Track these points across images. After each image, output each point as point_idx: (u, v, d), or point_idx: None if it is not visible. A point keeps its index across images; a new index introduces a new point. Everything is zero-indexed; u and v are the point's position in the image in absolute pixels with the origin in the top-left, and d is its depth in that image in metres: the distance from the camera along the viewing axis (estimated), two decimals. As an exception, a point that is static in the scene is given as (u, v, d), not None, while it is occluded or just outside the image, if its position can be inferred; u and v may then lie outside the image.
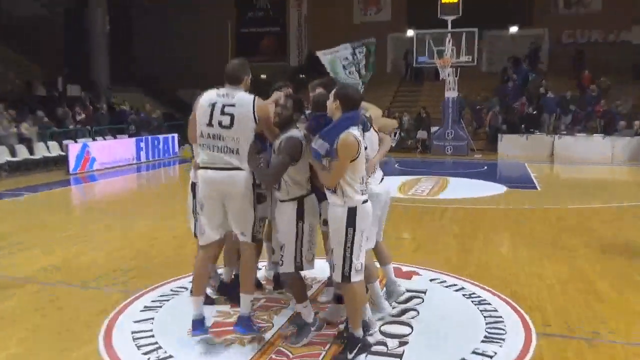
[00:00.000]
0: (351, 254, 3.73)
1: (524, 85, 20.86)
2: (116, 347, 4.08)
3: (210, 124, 3.92)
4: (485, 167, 15.65)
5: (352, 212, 3.69)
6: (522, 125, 18.61)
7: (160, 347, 4.05)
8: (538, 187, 11.99)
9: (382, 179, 4.54)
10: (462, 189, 11.89)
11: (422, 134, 19.68)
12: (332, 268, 4.08)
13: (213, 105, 3.92)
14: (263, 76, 26.06)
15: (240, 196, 3.94)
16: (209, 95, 4.00)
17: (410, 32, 19.75)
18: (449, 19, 17.81)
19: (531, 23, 24.29)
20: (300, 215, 3.91)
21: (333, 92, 3.82)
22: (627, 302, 5.02)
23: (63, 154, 15.06)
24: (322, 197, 4.00)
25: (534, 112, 19.08)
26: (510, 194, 11.04)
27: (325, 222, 4.09)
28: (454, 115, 18.56)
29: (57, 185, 12.78)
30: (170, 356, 3.93)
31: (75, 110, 18.05)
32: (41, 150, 15.37)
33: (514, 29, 23.29)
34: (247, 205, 3.98)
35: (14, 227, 8.24)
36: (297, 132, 3.92)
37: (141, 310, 4.77)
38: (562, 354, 3.98)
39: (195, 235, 4.39)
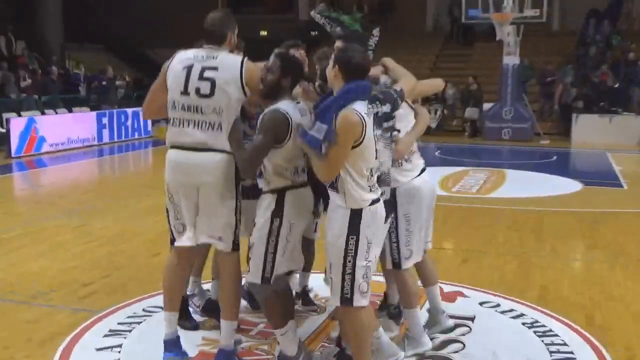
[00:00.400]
0: (353, 271, 3.64)
1: (607, 51, 20.67)
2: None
3: (185, 92, 3.94)
4: (555, 157, 15.64)
5: (355, 216, 3.62)
6: (603, 103, 18.46)
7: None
8: (624, 185, 11.94)
9: (424, 169, 4.53)
10: (523, 185, 11.86)
11: (471, 113, 19.61)
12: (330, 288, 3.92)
13: (189, 69, 3.94)
14: (264, 33, 26.17)
15: (218, 188, 3.94)
16: (184, 57, 4.03)
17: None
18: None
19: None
20: (277, 212, 3.86)
21: (332, 56, 3.79)
22: None
23: (3, 131, 15.23)
24: (324, 194, 4.00)
25: (618, 86, 18.90)
26: (586, 193, 11.01)
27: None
28: (515, 88, 18.44)
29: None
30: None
31: (20, 74, 18.23)
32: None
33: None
34: (227, 201, 3.98)
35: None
36: (285, 104, 3.89)
37: (105, 335, 4.82)
38: (652, 404, 4.01)
39: (172, 242, 4.37)
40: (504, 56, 18.40)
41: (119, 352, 4.57)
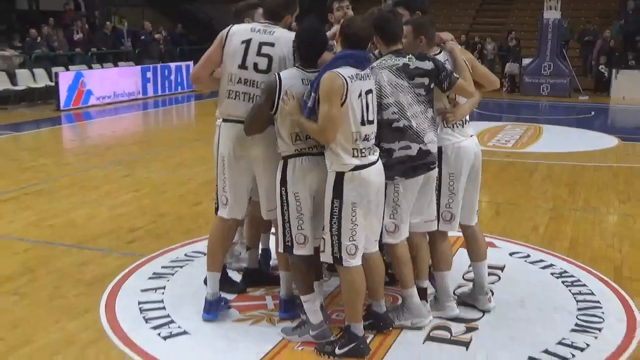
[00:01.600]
0: (339, 232, 3.73)
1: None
2: (120, 319, 4.34)
3: (243, 66, 4.01)
4: (593, 113, 15.37)
5: (339, 179, 3.68)
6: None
7: (172, 322, 4.31)
8: (663, 140, 11.74)
9: (472, 135, 4.48)
10: (559, 140, 11.77)
11: (511, 68, 19.32)
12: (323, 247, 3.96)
13: (247, 43, 4.00)
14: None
15: (271, 160, 4.01)
16: (242, 30, 4.08)
17: None
18: None
19: None
20: (282, 180, 3.86)
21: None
22: None
23: (52, 84, 15.44)
24: None
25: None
26: (623, 148, 10.90)
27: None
28: (554, 43, 18.08)
29: (45, 124, 13.24)
30: (185, 332, 4.18)
31: (71, 29, 18.46)
32: (25, 80, 15.85)
33: None
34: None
35: (13, 170, 8.75)
36: (288, 71, 3.88)
37: (149, 278, 5.03)
38: (674, 351, 4.05)
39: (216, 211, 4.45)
40: (545, 11, 18.01)
41: (162, 293, 4.76)
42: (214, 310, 4.32)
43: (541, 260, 5.51)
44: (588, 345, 4.07)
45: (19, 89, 15.61)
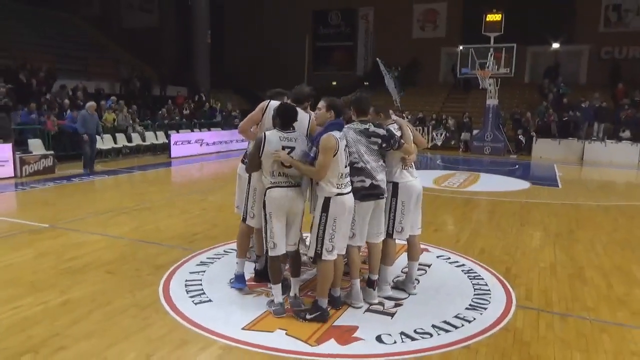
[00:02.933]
0: (323, 236, 3.79)
1: (561, 97, 19.70)
2: (172, 289, 4.41)
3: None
4: (517, 166, 15.03)
5: (326, 201, 3.76)
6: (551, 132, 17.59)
7: (203, 293, 4.35)
8: (559, 185, 11.39)
9: (417, 177, 4.44)
10: (490, 183, 11.51)
11: (465, 136, 19.13)
12: (309, 246, 4.03)
13: None
14: (334, 83, 26.24)
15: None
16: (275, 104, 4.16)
17: (461, 47, 19.15)
18: (492, 35, 17.20)
19: (572, 40, 22.91)
20: (263, 204, 3.92)
21: (326, 103, 4.04)
22: (611, 289, 4.78)
23: (167, 141, 15.76)
24: None
25: (566, 120, 18.00)
26: (532, 190, 10.60)
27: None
28: (494, 120, 17.90)
29: (159, 166, 13.56)
30: (210, 300, 4.21)
31: (183, 106, 19.09)
32: (150, 138, 16.28)
33: (555, 45, 22.13)
34: None
35: (123, 195, 8.95)
36: (271, 132, 3.86)
37: (197, 264, 5.09)
38: (534, 324, 3.92)
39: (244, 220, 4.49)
40: (487, 99, 17.87)
41: (202, 275, 4.81)
42: (241, 282, 4.43)
43: (457, 262, 5.40)
44: (475, 318, 3.98)
45: (147, 144, 15.99)
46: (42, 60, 17.38)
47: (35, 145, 11.62)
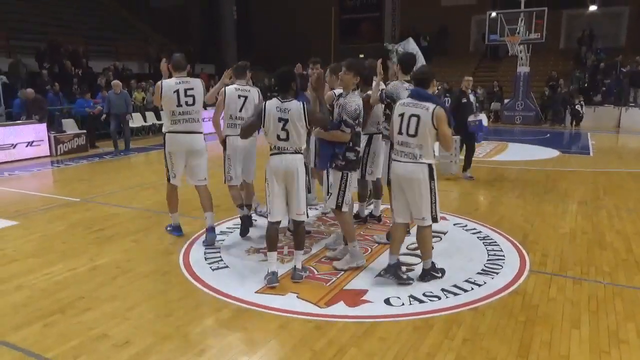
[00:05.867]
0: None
1: (598, 63, 18.89)
2: (192, 257, 4.61)
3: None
4: (548, 135, 14.64)
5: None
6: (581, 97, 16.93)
7: (221, 260, 4.52)
8: (591, 153, 11.08)
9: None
10: (518, 152, 11.28)
11: (495, 106, 18.70)
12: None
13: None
14: (361, 55, 25.93)
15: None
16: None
17: (491, 13, 18.51)
18: (524, -1, 16.61)
19: (610, 1, 21.78)
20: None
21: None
22: (630, 253, 4.72)
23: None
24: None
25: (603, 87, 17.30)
26: (560, 158, 10.36)
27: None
28: (525, 88, 17.37)
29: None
30: (227, 266, 4.38)
31: (210, 84, 19.25)
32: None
33: (593, 8, 21.08)
34: None
35: (151, 171, 9.25)
36: (273, 100, 3.88)
37: (217, 234, 5.22)
38: (544, 288, 3.92)
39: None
40: (518, 67, 17.34)
41: (222, 243, 4.99)
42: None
43: (474, 229, 5.40)
44: (485, 282, 4.01)
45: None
46: (74, 42, 17.82)
47: (69, 125, 12.06)
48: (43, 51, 15.34)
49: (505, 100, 18.27)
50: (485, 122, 11.48)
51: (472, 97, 8.11)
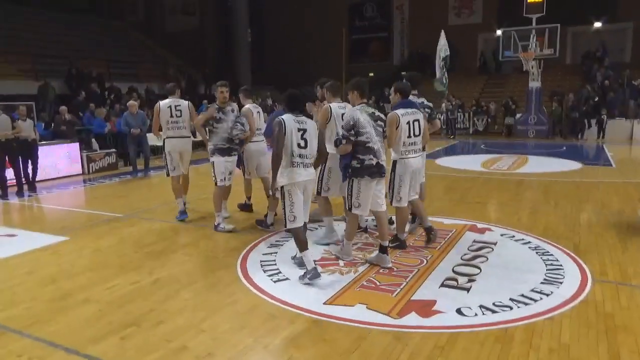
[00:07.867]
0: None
1: (606, 78, 18.87)
2: (249, 269, 4.51)
3: None
4: (564, 148, 14.54)
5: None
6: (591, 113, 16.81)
7: (280, 272, 4.42)
8: (613, 165, 10.97)
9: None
10: (540, 165, 11.17)
11: (509, 120, 18.66)
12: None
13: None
14: (371, 74, 26.04)
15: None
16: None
17: (499, 32, 18.57)
18: (534, 17, 16.62)
19: (615, 18, 21.87)
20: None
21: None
22: (686, 260, 4.59)
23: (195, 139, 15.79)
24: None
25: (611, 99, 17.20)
26: (585, 170, 10.25)
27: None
28: (536, 103, 17.34)
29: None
30: (287, 278, 4.28)
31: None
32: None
33: (598, 24, 21.17)
34: None
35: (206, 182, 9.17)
36: (287, 116, 4.14)
37: (268, 246, 5.19)
38: (614, 296, 3.80)
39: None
40: (530, 82, 17.34)
41: (276, 255, 4.90)
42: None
43: (522, 239, 5.29)
44: (552, 292, 3.88)
45: (197, 140, 16.11)
46: (96, 65, 17.98)
47: (98, 144, 12.05)
48: (73, 74, 15.49)
49: (517, 115, 18.22)
50: None
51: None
